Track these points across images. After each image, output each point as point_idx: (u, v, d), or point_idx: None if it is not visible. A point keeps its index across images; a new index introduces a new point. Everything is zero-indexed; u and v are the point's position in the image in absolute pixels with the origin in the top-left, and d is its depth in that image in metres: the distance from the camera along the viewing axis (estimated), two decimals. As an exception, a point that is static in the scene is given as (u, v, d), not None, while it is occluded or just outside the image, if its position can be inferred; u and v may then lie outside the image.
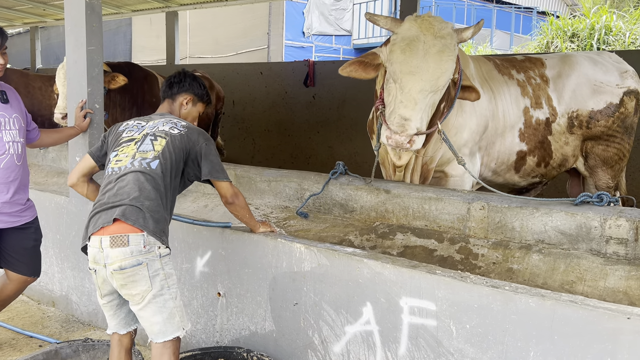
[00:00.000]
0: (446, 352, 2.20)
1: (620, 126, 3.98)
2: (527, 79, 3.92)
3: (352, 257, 2.50)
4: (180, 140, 2.55)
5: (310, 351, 2.64)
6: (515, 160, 3.84)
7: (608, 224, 2.73)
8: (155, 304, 2.30)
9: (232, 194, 2.67)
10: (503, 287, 2.08)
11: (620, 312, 1.85)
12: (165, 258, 2.35)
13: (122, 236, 2.25)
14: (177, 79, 2.86)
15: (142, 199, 2.34)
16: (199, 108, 2.91)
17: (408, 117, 2.73)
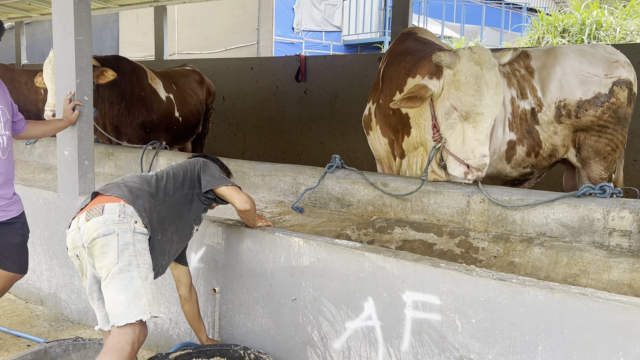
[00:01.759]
0: (451, 347, 2.14)
1: (612, 117, 3.96)
2: (512, 70, 3.96)
3: (353, 251, 2.43)
4: (178, 164, 2.67)
5: (310, 348, 2.57)
6: (506, 150, 3.85)
7: (611, 216, 2.69)
8: (120, 280, 2.11)
9: (242, 201, 2.61)
10: (510, 280, 2.02)
11: (632, 304, 1.80)
12: (139, 235, 2.23)
13: (97, 207, 2.23)
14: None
15: (126, 180, 2.42)
16: None
17: (486, 154, 2.91)
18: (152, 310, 2.15)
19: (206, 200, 2.62)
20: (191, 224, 2.59)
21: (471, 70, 2.96)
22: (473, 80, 2.94)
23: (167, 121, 5.25)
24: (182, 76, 5.80)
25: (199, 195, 2.60)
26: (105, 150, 4.80)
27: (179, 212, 2.51)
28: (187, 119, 5.53)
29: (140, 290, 2.13)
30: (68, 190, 3.55)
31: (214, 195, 2.62)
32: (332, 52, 15.54)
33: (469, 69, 2.97)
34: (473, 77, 2.94)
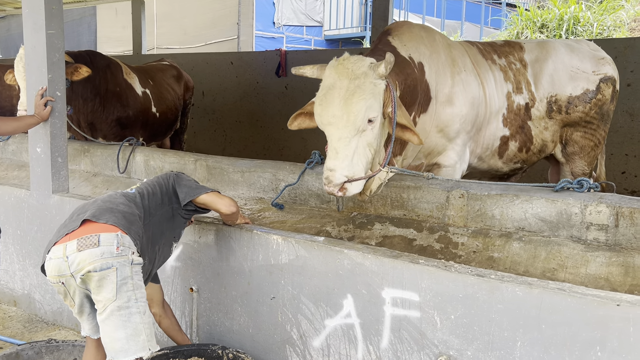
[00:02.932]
0: (430, 344, 2.13)
1: (598, 113, 4.00)
2: (508, 63, 3.91)
3: (332, 248, 2.40)
4: (152, 180, 2.57)
5: (289, 346, 2.54)
6: (499, 146, 3.83)
7: (588, 210, 2.70)
8: (119, 316, 2.07)
9: (227, 204, 2.55)
10: (489, 275, 2.01)
11: (609, 299, 1.80)
12: (137, 267, 2.15)
13: (91, 236, 2.07)
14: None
15: (117, 203, 2.26)
16: None
17: (332, 168, 2.67)
18: (150, 346, 2.15)
19: (186, 213, 2.55)
20: (171, 242, 2.52)
21: (328, 80, 2.79)
22: (324, 91, 2.77)
23: (143, 117, 5.15)
24: (159, 71, 5.70)
25: (178, 210, 2.51)
26: (80, 146, 4.70)
27: (162, 230, 2.42)
28: (164, 115, 5.44)
29: (140, 327, 2.11)
30: (41, 188, 3.46)
31: (194, 206, 2.55)
32: (314, 46, 15.48)
33: (326, 79, 2.81)
34: (326, 87, 2.77)
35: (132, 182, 4.34)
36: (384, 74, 2.74)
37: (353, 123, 2.65)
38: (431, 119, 3.41)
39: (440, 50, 3.56)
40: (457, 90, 3.48)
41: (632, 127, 5.62)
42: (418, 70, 3.38)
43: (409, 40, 3.46)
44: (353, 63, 2.75)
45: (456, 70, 3.57)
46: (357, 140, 2.71)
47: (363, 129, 2.70)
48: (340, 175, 2.64)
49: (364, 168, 2.77)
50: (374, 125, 2.74)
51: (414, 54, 3.41)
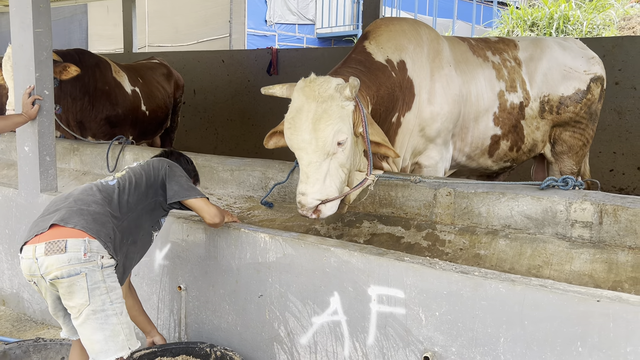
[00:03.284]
0: (415, 340, 2.15)
1: (587, 112, 4.01)
2: (503, 61, 3.85)
3: (319, 246, 2.42)
4: (141, 167, 2.49)
5: (277, 344, 2.55)
6: (490, 145, 3.79)
7: (573, 208, 2.73)
8: (95, 320, 2.06)
9: (212, 214, 2.50)
10: (472, 272, 2.03)
11: (590, 295, 1.83)
12: (108, 269, 2.12)
13: (58, 241, 2.04)
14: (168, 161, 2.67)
15: (89, 202, 2.18)
16: None
17: (304, 192, 2.64)
18: (130, 345, 2.15)
19: (169, 207, 2.52)
20: (150, 232, 2.49)
21: (296, 102, 2.75)
22: (292, 113, 2.73)
23: (133, 115, 5.14)
24: (149, 69, 5.69)
25: (162, 203, 2.48)
26: (70, 145, 4.68)
27: (140, 223, 2.38)
28: (154, 113, 5.44)
29: (117, 327, 2.11)
30: (29, 187, 3.46)
31: (180, 205, 2.52)
32: (306, 45, 15.48)
33: (294, 101, 2.76)
34: (294, 110, 2.73)
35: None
36: (351, 97, 2.69)
37: (322, 148, 2.62)
38: (415, 117, 3.37)
39: (423, 44, 3.47)
40: (438, 87, 3.41)
41: (620, 125, 5.68)
42: (398, 70, 3.31)
43: (388, 40, 3.38)
44: (319, 85, 2.70)
45: (438, 66, 3.47)
46: (328, 163, 2.68)
47: (333, 152, 2.67)
48: (312, 199, 2.61)
49: (338, 188, 2.74)
50: (344, 146, 2.71)
51: (394, 54, 3.33)
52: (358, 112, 2.77)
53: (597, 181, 3.04)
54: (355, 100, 2.76)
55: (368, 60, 3.22)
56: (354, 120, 2.77)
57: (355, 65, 3.14)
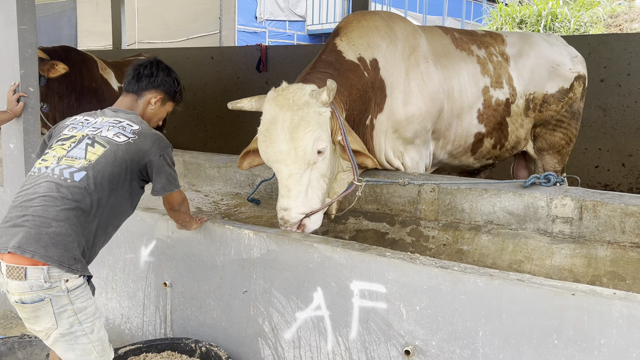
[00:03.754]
0: (397, 334, 2.18)
1: (568, 111, 4.01)
2: (488, 55, 3.72)
3: (302, 242, 2.44)
4: (126, 150, 2.16)
5: (261, 339, 2.58)
6: (473, 143, 3.70)
7: (554, 204, 2.77)
8: (64, 342, 2.00)
9: (179, 202, 2.38)
10: (452, 267, 2.07)
11: (565, 288, 1.87)
12: (76, 291, 1.99)
13: (18, 268, 1.91)
14: (148, 70, 2.39)
15: (49, 220, 1.96)
16: (168, 108, 2.48)
17: (286, 207, 2.56)
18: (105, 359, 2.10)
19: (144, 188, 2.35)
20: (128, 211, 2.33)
21: (268, 113, 2.61)
22: (266, 125, 2.60)
23: (121, 112, 5.13)
24: (137, 66, 5.68)
25: (138, 187, 2.28)
26: (57, 142, 4.67)
27: (117, 211, 2.24)
28: (142, 110, 5.43)
29: (88, 347, 2.05)
30: (14, 185, 3.44)
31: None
32: (296, 41, 15.47)
33: (267, 112, 2.63)
34: (268, 121, 2.59)
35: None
36: (327, 101, 2.59)
37: (302, 158, 2.52)
38: (386, 118, 3.27)
39: (397, 40, 3.32)
40: (414, 85, 3.28)
41: (605, 122, 5.74)
42: (371, 69, 3.18)
43: (360, 37, 3.24)
44: (293, 93, 2.60)
45: (414, 63, 3.33)
46: (309, 174, 2.58)
47: (314, 162, 2.57)
48: (295, 214, 2.54)
49: (321, 200, 2.65)
50: (324, 155, 2.61)
51: (366, 52, 3.19)
52: (335, 119, 2.67)
53: (578, 177, 3.08)
54: (331, 106, 2.66)
55: (338, 61, 3.08)
56: (332, 128, 2.67)
57: (325, 69, 3.00)
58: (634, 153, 5.64)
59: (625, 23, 9.38)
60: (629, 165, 5.70)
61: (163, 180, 2.24)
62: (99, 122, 2.27)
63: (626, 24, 9.31)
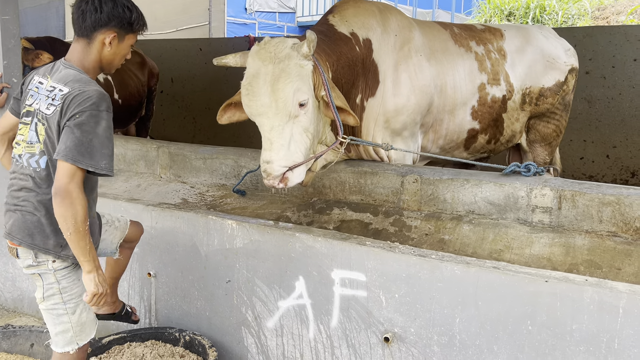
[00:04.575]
0: (376, 322, 2.21)
1: (561, 103, 4.05)
2: (487, 52, 3.73)
3: (284, 232, 2.46)
4: (53, 121, 1.97)
5: (244, 328, 2.61)
6: (466, 139, 3.70)
7: (534, 194, 2.81)
8: (49, 315, 2.14)
9: (67, 181, 1.88)
10: (430, 255, 2.10)
11: (539, 276, 1.91)
12: (62, 271, 2.09)
13: (12, 248, 2.11)
14: (91, 5, 2.03)
15: (32, 210, 2.02)
16: (129, 42, 2.14)
17: (268, 160, 2.57)
18: (78, 341, 2.18)
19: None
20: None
21: (251, 67, 2.62)
22: (249, 79, 2.61)
23: (107, 104, 5.11)
24: (123, 58, 5.65)
25: None
26: (42, 134, 4.65)
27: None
28: (127, 102, 5.41)
29: (67, 326, 2.15)
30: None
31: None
32: (286, 33, 15.41)
33: (250, 66, 2.63)
34: (250, 75, 2.60)
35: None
36: (308, 54, 2.60)
37: (283, 109, 2.54)
38: (379, 105, 3.29)
39: (391, 31, 3.35)
40: (404, 77, 3.30)
41: (590, 114, 5.80)
42: (363, 47, 3.20)
43: (354, 16, 3.26)
44: (275, 46, 2.62)
45: (406, 55, 3.35)
46: (291, 127, 2.59)
47: (295, 115, 2.59)
48: (278, 167, 2.54)
49: (304, 154, 2.65)
50: (306, 109, 2.63)
51: (360, 30, 3.22)
52: (318, 74, 2.69)
53: (557, 167, 3.12)
54: (314, 61, 2.68)
55: (330, 31, 3.12)
56: (314, 82, 2.68)
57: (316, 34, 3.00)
58: (618, 145, 5.71)
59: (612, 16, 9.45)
60: (613, 156, 5.77)
61: (65, 142, 1.89)
62: (43, 88, 2.06)
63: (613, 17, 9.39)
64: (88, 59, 2.09)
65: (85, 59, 2.09)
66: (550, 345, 1.87)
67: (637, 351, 1.73)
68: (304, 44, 2.60)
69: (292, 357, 2.46)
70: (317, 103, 2.76)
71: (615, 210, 2.64)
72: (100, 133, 1.93)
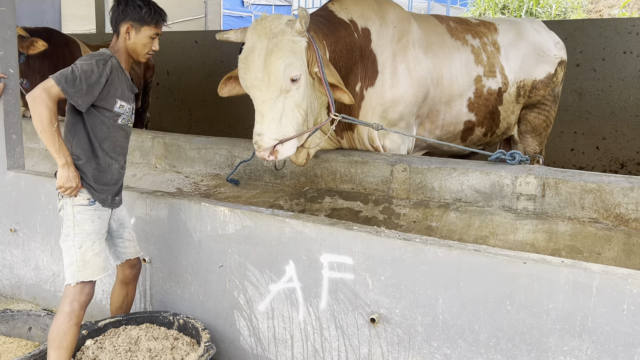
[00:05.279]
0: (363, 303, 2.29)
1: (551, 95, 4.14)
2: (483, 45, 3.81)
3: (275, 218, 2.54)
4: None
5: (237, 311, 2.68)
6: (463, 130, 3.79)
7: (519, 182, 2.89)
8: (63, 247, 2.42)
9: (43, 88, 2.24)
10: (414, 239, 2.18)
11: (517, 257, 1.99)
12: (79, 207, 2.40)
13: None
14: (114, 6, 2.50)
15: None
16: (147, 33, 2.48)
17: (260, 132, 2.65)
18: (80, 277, 2.38)
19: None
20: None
21: (249, 42, 2.72)
22: (245, 53, 2.70)
23: (103, 95, 5.16)
24: (119, 50, 5.69)
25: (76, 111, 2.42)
26: (39, 125, 4.70)
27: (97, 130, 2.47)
28: (124, 94, 5.46)
29: (72, 259, 2.39)
30: (-6, 165, 3.50)
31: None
32: (283, 26, 15.42)
33: (248, 41, 2.73)
34: (247, 50, 2.70)
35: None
36: (302, 30, 2.68)
37: (274, 83, 2.61)
38: (377, 95, 3.37)
39: (390, 23, 3.42)
40: (402, 68, 3.38)
41: (581, 106, 5.87)
42: (361, 35, 3.27)
43: (354, 5, 3.35)
44: (271, 22, 2.71)
45: (404, 47, 3.42)
46: (282, 101, 2.66)
47: (287, 89, 2.66)
48: (268, 139, 2.62)
49: (295, 129, 2.72)
50: (298, 84, 2.70)
51: (359, 19, 3.30)
52: (312, 51, 2.76)
53: (541, 156, 3.19)
54: (309, 37, 2.75)
55: (330, 15, 3.21)
56: (307, 59, 2.76)
57: (315, 17, 3.10)
58: (608, 136, 5.79)
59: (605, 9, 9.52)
60: (602, 148, 5.85)
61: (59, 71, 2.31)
62: None
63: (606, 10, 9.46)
64: (117, 47, 2.51)
65: (116, 47, 2.51)
66: (528, 324, 1.95)
67: (609, 328, 1.82)
68: (297, 20, 2.69)
69: (282, 339, 2.54)
70: (311, 80, 2.83)
71: (596, 198, 2.72)
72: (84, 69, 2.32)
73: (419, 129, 3.69)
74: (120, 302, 2.73)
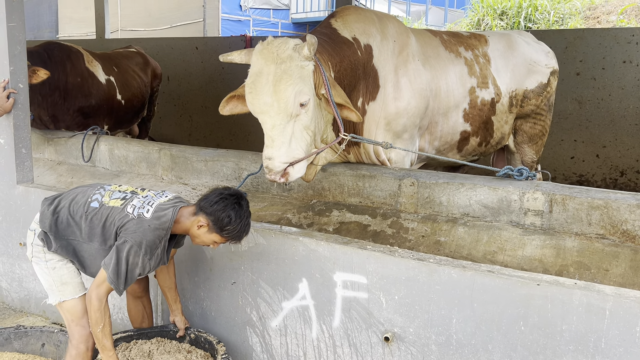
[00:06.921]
0: (377, 322, 2.33)
1: (546, 104, 4.20)
2: (475, 57, 3.88)
3: (288, 236, 2.57)
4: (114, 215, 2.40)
5: (249, 328, 2.71)
6: (459, 140, 3.84)
7: (526, 197, 2.93)
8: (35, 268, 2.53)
9: (98, 284, 2.31)
10: (428, 259, 2.21)
11: (531, 279, 2.02)
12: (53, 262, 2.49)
13: None
14: (212, 195, 2.43)
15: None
16: (213, 238, 2.38)
17: (270, 156, 2.68)
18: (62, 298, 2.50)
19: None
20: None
21: (255, 66, 2.72)
22: (252, 77, 2.71)
23: (108, 105, 5.18)
24: (125, 58, 5.71)
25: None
26: (44, 135, 4.72)
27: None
28: (130, 102, 5.48)
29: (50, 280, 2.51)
30: (5, 179, 3.52)
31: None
32: (281, 30, 15.46)
33: (254, 65, 2.74)
34: (254, 74, 2.71)
35: (96, 170, 4.41)
36: (309, 55, 2.70)
37: (284, 110, 2.64)
38: (380, 109, 3.40)
39: (390, 37, 3.47)
40: (404, 81, 3.42)
41: (581, 115, 5.93)
42: (364, 52, 3.31)
43: (356, 22, 3.38)
44: (277, 46, 2.72)
45: (404, 60, 3.47)
46: (292, 125, 2.70)
47: (296, 114, 2.69)
48: (279, 163, 2.66)
49: (304, 150, 2.76)
50: (307, 108, 2.73)
51: (361, 36, 3.33)
52: (319, 73, 2.78)
53: (548, 172, 3.24)
54: (315, 61, 2.77)
55: (333, 34, 3.23)
56: (314, 81, 2.78)
57: (319, 36, 3.11)
58: (608, 144, 5.85)
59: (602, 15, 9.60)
60: (602, 156, 5.91)
61: (111, 256, 2.30)
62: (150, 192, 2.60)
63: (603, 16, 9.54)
64: (181, 222, 2.43)
65: (181, 221, 2.43)
66: (542, 345, 1.99)
67: (622, 350, 1.86)
68: (304, 46, 2.70)
69: (295, 356, 2.57)
70: (318, 101, 2.86)
71: (603, 214, 2.76)
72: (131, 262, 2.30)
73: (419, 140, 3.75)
74: (140, 315, 2.74)
